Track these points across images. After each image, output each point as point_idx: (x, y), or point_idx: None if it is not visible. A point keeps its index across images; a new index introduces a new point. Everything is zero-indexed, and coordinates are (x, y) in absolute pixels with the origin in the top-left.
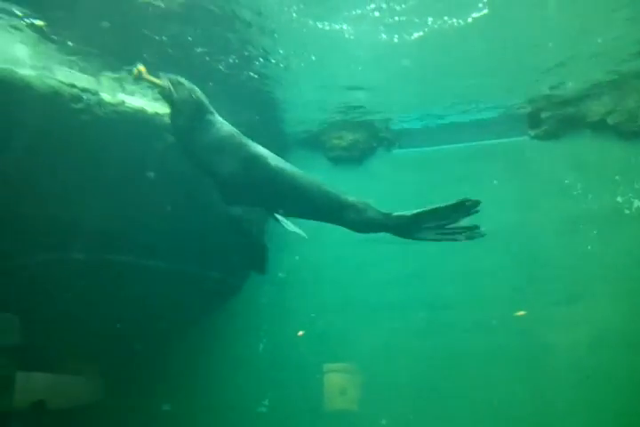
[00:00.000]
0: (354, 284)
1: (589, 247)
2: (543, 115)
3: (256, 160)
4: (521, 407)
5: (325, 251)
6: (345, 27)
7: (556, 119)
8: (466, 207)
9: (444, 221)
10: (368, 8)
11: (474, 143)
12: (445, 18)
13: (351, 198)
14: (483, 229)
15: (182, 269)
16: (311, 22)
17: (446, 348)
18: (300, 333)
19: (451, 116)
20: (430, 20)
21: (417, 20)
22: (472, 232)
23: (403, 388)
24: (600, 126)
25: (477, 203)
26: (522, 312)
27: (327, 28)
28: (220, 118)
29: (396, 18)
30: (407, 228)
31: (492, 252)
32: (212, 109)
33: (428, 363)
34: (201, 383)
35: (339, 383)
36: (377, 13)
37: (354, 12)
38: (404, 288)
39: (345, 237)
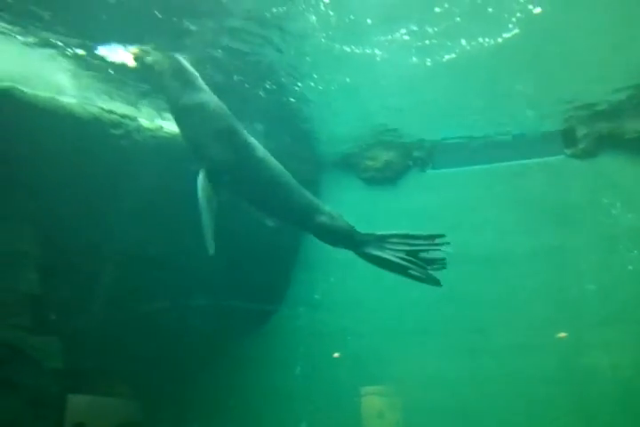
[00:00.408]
0: (390, 306)
1: (630, 267)
2: (579, 133)
3: (236, 137)
4: None
5: (361, 273)
6: (376, 51)
7: (593, 137)
8: (434, 242)
9: (409, 248)
10: (398, 33)
11: (508, 163)
12: (478, 39)
13: (327, 207)
14: (443, 263)
15: (218, 293)
16: (341, 47)
17: (483, 371)
18: (336, 354)
19: (484, 135)
20: (463, 41)
21: (449, 44)
22: (430, 267)
23: (440, 411)
24: (638, 144)
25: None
26: (563, 334)
27: (358, 51)
28: (207, 92)
29: (427, 41)
30: (370, 244)
31: (530, 272)
32: (196, 76)
33: (466, 386)
34: (237, 406)
35: (376, 406)
36: (407, 37)
37: (383, 38)
38: (440, 311)
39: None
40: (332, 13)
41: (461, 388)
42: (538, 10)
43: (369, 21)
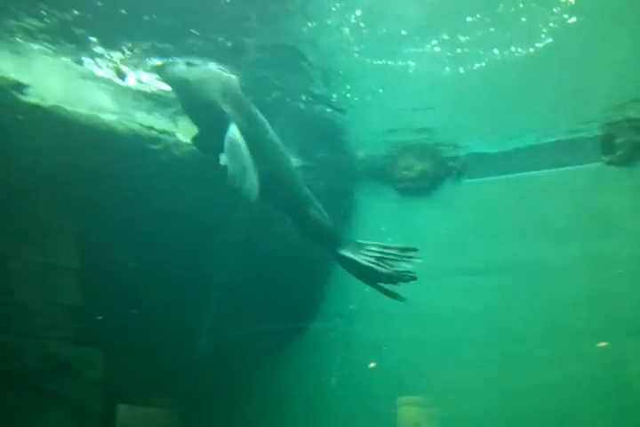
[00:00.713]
0: (425, 316)
1: None
2: (617, 140)
3: (241, 103)
4: None
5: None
6: (409, 62)
7: (631, 144)
8: (408, 254)
9: (386, 256)
10: (429, 44)
11: (543, 171)
12: (511, 48)
13: (319, 204)
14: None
15: (254, 306)
16: (373, 59)
17: (522, 381)
18: (372, 364)
19: (520, 144)
20: (495, 50)
21: (482, 52)
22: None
23: (477, 423)
24: None
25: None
26: (604, 343)
27: (390, 63)
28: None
29: (459, 50)
30: (349, 248)
31: (569, 281)
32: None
33: (504, 397)
34: (274, 418)
35: (412, 417)
36: (438, 48)
37: (415, 49)
38: (478, 320)
39: (416, 270)
40: (363, 26)
41: (499, 399)
42: (573, 20)
43: (403, 32)
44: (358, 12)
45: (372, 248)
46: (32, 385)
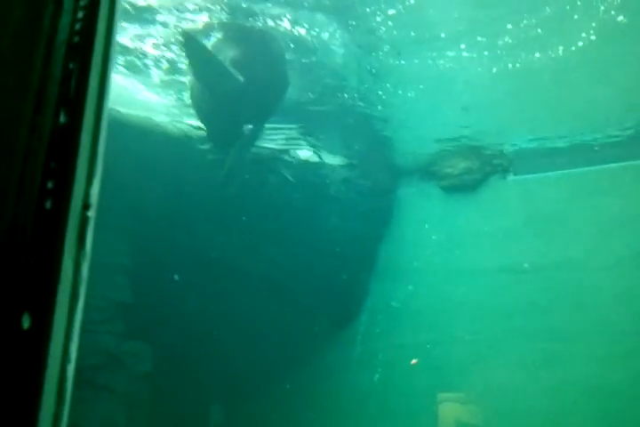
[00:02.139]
0: (468, 314)
1: None
2: None
3: None
4: None
5: (438, 281)
6: (451, 62)
7: None
8: None
9: None
10: (472, 44)
11: (591, 167)
12: (558, 47)
13: None
14: None
15: (299, 301)
16: (415, 58)
17: (563, 381)
18: (414, 361)
19: (567, 140)
20: (540, 48)
21: (525, 52)
22: None
23: (518, 421)
24: None
25: None
26: None
27: (431, 62)
28: None
29: (500, 51)
30: None
31: (613, 280)
32: None
33: (544, 396)
34: (318, 414)
35: (453, 414)
36: (480, 47)
37: (455, 50)
38: (520, 319)
39: (459, 268)
40: (406, 26)
41: (539, 398)
42: (620, 18)
43: (442, 35)
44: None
45: None
46: (83, 378)
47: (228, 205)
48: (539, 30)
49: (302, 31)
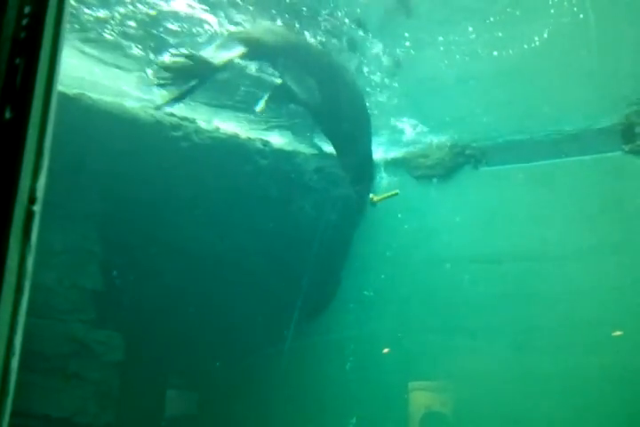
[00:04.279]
0: (441, 303)
1: None
2: (638, 129)
3: None
4: None
5: (412, 270)
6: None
7: None
8: None
9: None
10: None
11: (564, 159)
12: (533, 37)
13: None
14: None
15: (271, 290)
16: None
17: (536, 369)
18: (386, 350)
19: (540, 131)
20: (516, 40)
21: (502, 42)
22: None
23: (490, 409)
24: None
25: None
26: (619, 332)
27: (414, 52)
28: None
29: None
30: None
31: (586, 270)
32: None
33: (517, 384)
34: (288, 402)
35: (425, 403)
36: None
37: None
38: (493, 308)
39: (432, 257)
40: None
41: (509, 387)
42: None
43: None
44: None
45: None
46: (54, 366)
47: (201, 193)
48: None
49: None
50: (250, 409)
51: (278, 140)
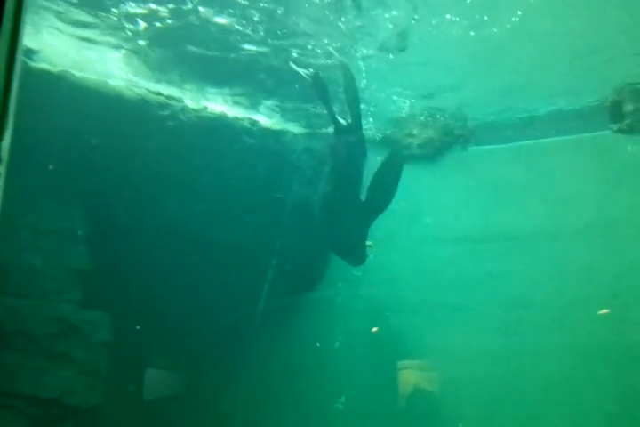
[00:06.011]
0: (429, 282)
1: None
2: (626, 108)
3: None
4: (604, 408)
5: (400, 250)
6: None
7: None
8: None
9: None
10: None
11: (552, 138)
12: (519, 13)
13: None
14: None
15: (260, 269)
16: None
17: (523, 347)
18: (375, 329)
19: (527, 110)
20: (502, 17)
21: (488, 19)
22: None
23: (478, 387)
24: None
25: None
26: (605, 310)
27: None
28: None
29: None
30: None
31: (573, 249)
32: None
33: (505, 362)
34: (277, 380)
35: (413, 381)
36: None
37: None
38: (480, 287)
39: (420, 237)
40: None
41: (496, 364)
42: None
43: None
44: None
45: None
46: (41, 347)
47: (188, 172)
48: None
49: None
50: (236, 389)
51: (266, 120)
